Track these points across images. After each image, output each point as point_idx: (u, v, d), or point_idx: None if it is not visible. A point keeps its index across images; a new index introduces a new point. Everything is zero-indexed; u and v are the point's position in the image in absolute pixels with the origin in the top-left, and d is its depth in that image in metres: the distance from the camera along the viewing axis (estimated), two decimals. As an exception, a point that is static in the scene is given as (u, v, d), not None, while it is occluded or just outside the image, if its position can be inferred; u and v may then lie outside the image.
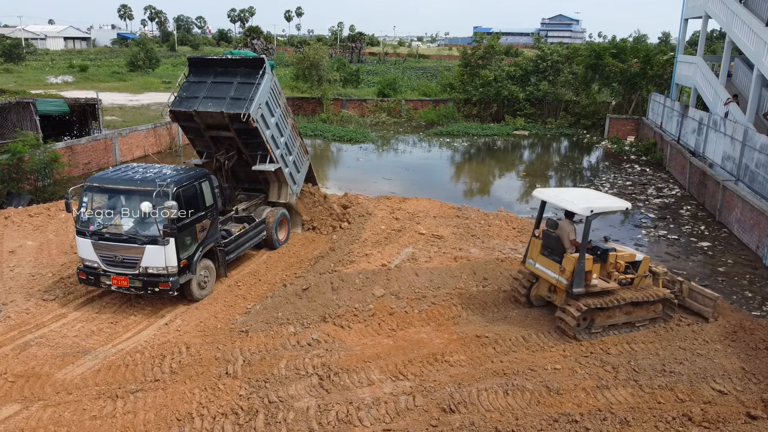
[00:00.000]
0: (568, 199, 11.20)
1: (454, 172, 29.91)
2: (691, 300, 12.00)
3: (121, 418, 8.44)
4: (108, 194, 11.93)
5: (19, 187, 19.92)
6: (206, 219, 12.52)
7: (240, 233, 14.17)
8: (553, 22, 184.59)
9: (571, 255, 10.71)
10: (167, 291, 11.52)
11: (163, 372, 9.65)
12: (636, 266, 11.51)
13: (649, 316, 11.37)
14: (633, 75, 39.52)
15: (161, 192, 11.25)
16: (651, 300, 11.16)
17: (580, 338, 10.70)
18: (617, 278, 11.19)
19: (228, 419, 8.40)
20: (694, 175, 23.40)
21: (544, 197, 11.79)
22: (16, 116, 22.45)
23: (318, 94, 43.71)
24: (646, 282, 11.54)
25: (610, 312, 10.94)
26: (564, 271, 10.75)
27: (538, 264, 11.52)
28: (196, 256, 12.10)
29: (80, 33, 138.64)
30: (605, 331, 10.96)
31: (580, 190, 13.51)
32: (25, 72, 65.24)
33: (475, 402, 8.76)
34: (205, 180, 12.74)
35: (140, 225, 11.46)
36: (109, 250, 11.53)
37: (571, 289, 10.62)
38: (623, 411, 8.63)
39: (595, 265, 10.81)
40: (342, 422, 8.35)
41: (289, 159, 16.17)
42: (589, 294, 10.80)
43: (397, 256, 14.83)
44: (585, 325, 10.87)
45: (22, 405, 8.77)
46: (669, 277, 12.24)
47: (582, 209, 10.58)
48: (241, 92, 14.29)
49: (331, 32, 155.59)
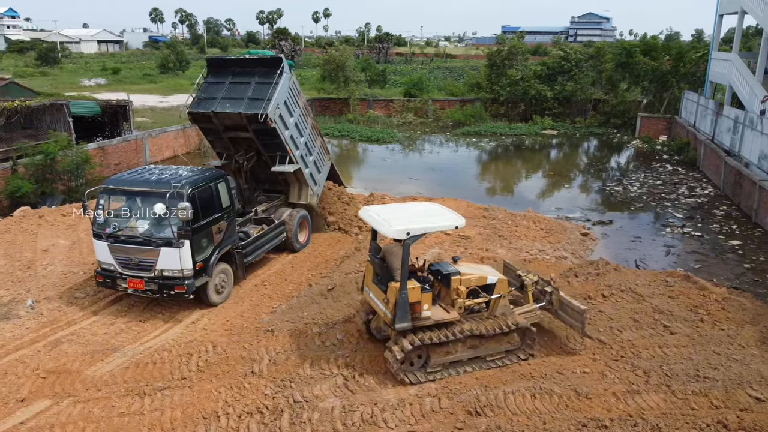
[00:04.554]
0: (386, 219, 9.41)
1: (480, 172, 29.67)
2: (563, 312, 10.67)
3: (148, 416, 8.53)
4: (124, 196, 11.80)
5: (52, 188, 20.37)
6: (223, 221, 12.25)
7: (259, 235, 13.90)
8: (582, 20, 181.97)
9: (396, 284, 9.11)
10: (183, 294, 11.32)
11: (189, 370, 9.73)
12: (490, 289, 9.97)
13: (502, 349, 9.86)
14: (665, 73, 38.69)
15: (175, 193, 11.07)
16: (499, 332, 9.66)
17: (412, 380, 9.15)
18: (462, 306, 9.65)
19: (253, 418, 8.42)
20: (728, 174, 22.79)
21: (365, 216, 9.97)
22: (51, 118, 23.00)
23: (345, 94, 43.84)
24: (502, 303, 9.99)
25: (449, 347, 9.44)
26: (388, 303, 9.19)
27: (371, 293, 9.91)
28: (212, 258, 11.85)
29: (113, 36, 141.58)
30: (446, 370, 9.46)
31: (416, 206, 11.01)
32: (60, 75, 66.86)
33: (501, 405, 8.62)
34: (222, 181, 12.46)
35: (155, 227, 11.30)
36: (125, 253, 11.41)
37: (393, 325, 9.06)
38: (655, 417, 8.39)
39: (425, 294, 9.16)
40: (367, 423, 8.30)
41: (309, 159, 15.95)
42: (423, 327, 9.24)
43: (423, 256, 14.73)
44: (419, 364, 9.38)
45: (53, 401, 8.93)
46: (540, 287, 10.94)
47: (396, 232, 9.00)
48: (259, 92, 14.09)
49: (359, 33, 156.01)
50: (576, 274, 13.66)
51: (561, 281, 13.39)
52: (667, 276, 13.46)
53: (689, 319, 11.42)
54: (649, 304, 11.93)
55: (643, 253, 16.70)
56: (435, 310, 9.49)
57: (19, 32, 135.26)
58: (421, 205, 10.97)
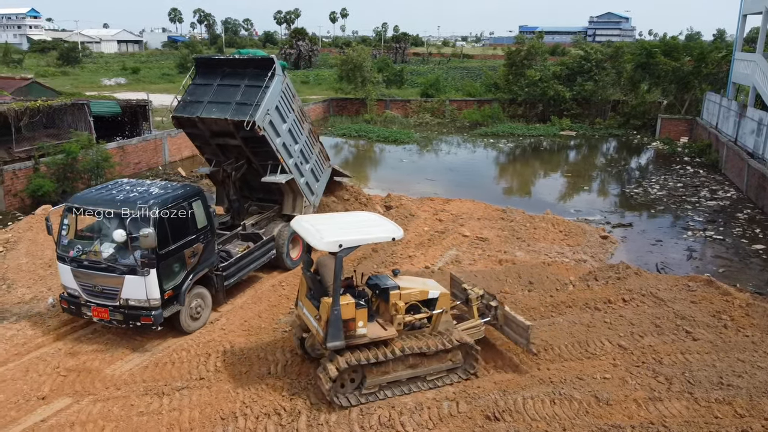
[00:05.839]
0: (318, 230, 8.88)
1: (498, 173, 29.51)
2: (508, 328, 10.19)
3: (167, 415, 8.58)
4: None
5: (73, 186, 20.60)
6: (198, 243, 11.00)
7: (242, 255, 12.64)
8: (601, 20, 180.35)
9: (328, 300, 8.60)
10: (150, 326, 10.23)
11: (207, 370, 9.77)
12: (432, 304, 9.49)
13: (444, 367, 9.29)
14: (686, 74, 38.15)
15: (140, 216, 9.91)
16: (442, 349, 9.14)
17: (343, 403, 8.60)
18: (401, 322, 9.14)
19: (271, 419, 8.43)
20: (752, 177, 22.39)
21: (297, 227, 9.36)
22: (72, 117, 23.31)
23: (362, 95, 43.90)
24: (444, 318, 9.49)
25: (386, 367, 8.87)
26: (320, 320, 8.67)
27: (305, 309, 9.41)
28: (185, 285, 10.68)
29: (132, 36, 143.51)
30: (382, 391, 8.90)
31: (351, 216, 10.57)
32: (81, 75, 67.80)
33: (520, 410, 8.54)
34: (197, 199, 11.12)
35: (120, 252, 10.11)
36: (88, 279, 10.28)
37: (325, 343, 8.54)
38: (677, 425, 8.26)
39: (360, 311, 8.63)
40: (384, 426, 8.27)
41: (305, 168, 14.86)
42: (357, 346, 8.71)
43: (441, 258, 14.68)
44: (354, 386, 8.83)
45: (74, 399, 9.03)
46: (486, 301, 10.45)
47: (327, 244, 8.49)
48: (248, 96, 13.01)
49: (375, 33, 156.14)
50: (596, 278, 13.50)
51: (581, 285, 13.28)
52: (689, 280, 13.25)
53: (712, 324, 11.22)
54: (671, 309, 11.75)
55: (665, 256, 16.46)
56: (371, 326, 8.94)
57: (41, 32, 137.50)
58: (360, 215, 10.57)
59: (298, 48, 79.43)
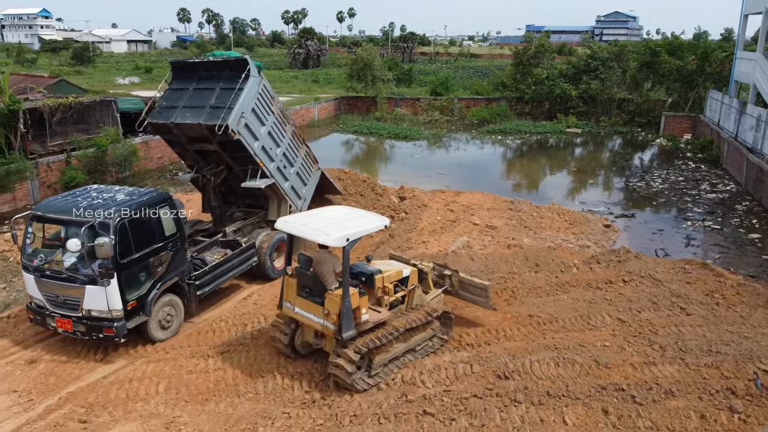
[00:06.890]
0: (319, 228, 9.17)
1: (506, 169, 30.44)
2: (465, 292, 11.23)
3: (213, 374, 9.67)
4: (51, 225, 10.56)
5: (103, 178, 21.73)
6: (166, 251, 10.69)
7: (218, 263, 12.22)
8: (608, 19, 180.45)
9: (335, 294, 9.00)
10: (113, 338, 9.95)
11: (245, 338, 10.84)
12: (404, 282, 10.20)
13: (427, 336, 10.22)
14: (690, 72, 38.97)
15: (100, 224, 9.66)
16: (427, 321, 10.07)
17: (361, 387, 9.08)
18: (388, 303, 9.81)
19: (304, 377, 9.49)
20: (751, 171, 23.27)
21: (288, 229, 9.58)
22: (100, 114, 24.40)
23: (372, 93, 44.94)
24: (417, 293, 10.36)
25: (387, 347, 9.49)
26: (329, 315, 8.99)
27: (298, 308, 9.59)
28: (150, 295, 10.38)
29: (142, 36, 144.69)
30: (385, 367, 9.54)
31: (330, 211, 10.70)
32: (94, 74, 68.89)
33: (528, 371, 9.50)
34: (165, 206, 10.77)
35: (81, 262, 9.86)
36: (50, 289, 10.11)
37: (341, 335, 8.92)
38: (669, 384, 9.15)
39: (362, 299, 9.12)
40: (407, 384, 9.29)
41: (289, 171, 14.52)
42: (362, 332, 9.17)
43: (453, 244, 15.67)
44: (364, 369, 9.29)
45: (128, 360, 10.14)
46: (437, 272, 11.30)
47: (336, 240, 8.85)
48: (222, 100, 12.65)
49: (383, 33, 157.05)
50: (598, 261, 14.47)
51: (584, 267, 14.23)
52: (686, 264, 14.18)
53: (705, 302, 12.14)
54: (668, 288, 12.68)
55: (665, 244, 17.39)
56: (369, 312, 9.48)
57: (52, 32, 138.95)
58: (334, 210, 10.79)
59: (306, 48, 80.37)
